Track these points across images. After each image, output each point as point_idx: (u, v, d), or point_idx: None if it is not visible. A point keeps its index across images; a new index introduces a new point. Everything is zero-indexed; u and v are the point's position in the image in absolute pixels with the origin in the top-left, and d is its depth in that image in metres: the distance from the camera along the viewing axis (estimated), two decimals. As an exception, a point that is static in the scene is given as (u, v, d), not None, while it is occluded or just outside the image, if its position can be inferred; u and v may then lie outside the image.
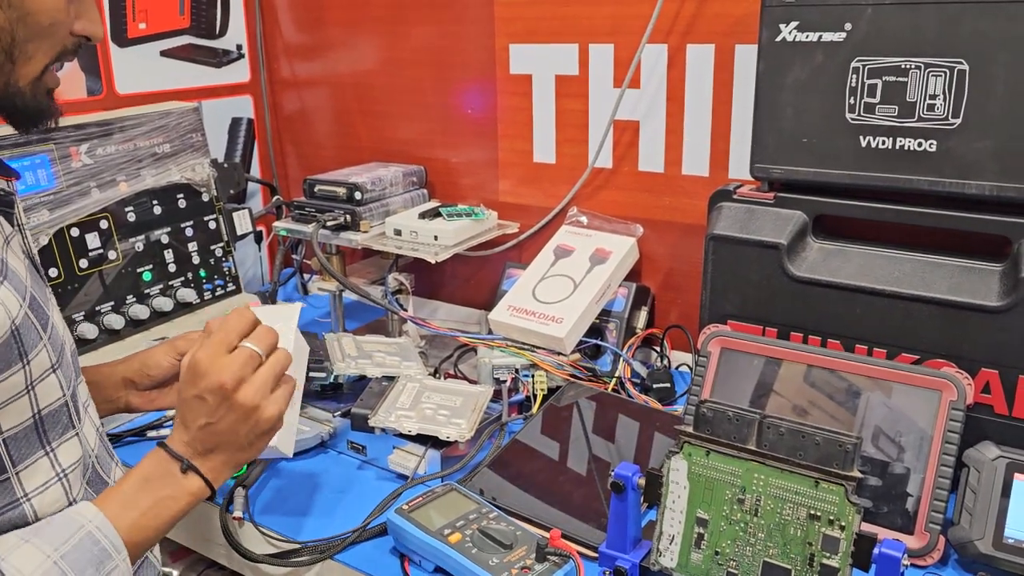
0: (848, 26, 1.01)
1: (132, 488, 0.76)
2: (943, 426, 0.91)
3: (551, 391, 1.20)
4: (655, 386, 1.24)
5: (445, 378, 1.27)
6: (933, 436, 0.91)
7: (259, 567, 0.97)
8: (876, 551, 0.72)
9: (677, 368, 1.33)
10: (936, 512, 0.89)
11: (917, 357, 1.00)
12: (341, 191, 1.39)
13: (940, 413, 0.92)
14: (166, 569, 1.30)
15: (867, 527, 0.90)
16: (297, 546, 0.95)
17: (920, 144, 0.99)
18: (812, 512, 0.75)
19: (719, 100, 1.26)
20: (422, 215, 1.39)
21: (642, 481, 0.83)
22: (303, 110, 1.75)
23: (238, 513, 1.00)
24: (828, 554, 0.74)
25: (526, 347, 1.22)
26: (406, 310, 1.38)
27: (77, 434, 0.78)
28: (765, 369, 1.02)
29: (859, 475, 0.73)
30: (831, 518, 0.74)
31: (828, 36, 1.02)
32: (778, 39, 1.05)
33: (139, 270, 1.35)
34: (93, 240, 1.28)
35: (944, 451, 0.90)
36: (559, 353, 1.22)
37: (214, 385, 0.77)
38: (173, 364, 1.01)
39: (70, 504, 0.75)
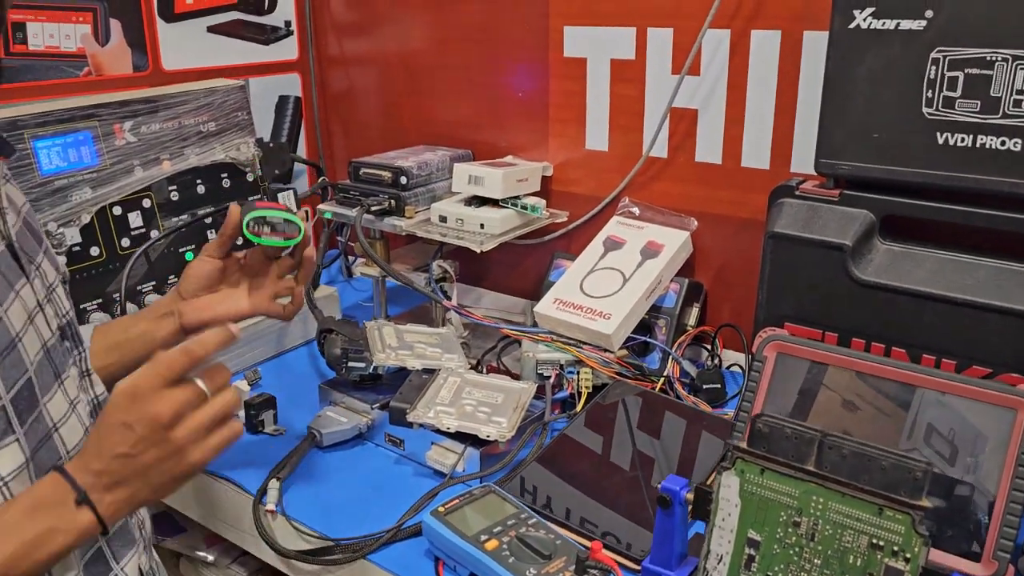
0: (929, 13, 0.94)
1: (17, 514, 0.69)
2: (1017, 448, 0.85)
3: (596, 389, 1.16)
4: (705, 387, 1.19)
5: (487, 371, 1.23)
6: (1006, 458, 0.85)
7: (290, 562, 0.95)
8: (944, 587, 0.67)
9: (728, 368, 1.28)
10: (1006, 540, 0.83)
11: (989, 371, 0.94)
12: (386, 175, 1.35)
13: (1015, 433, 0.85)
14: (201, 553, 1.31)
15: (932, 552, 0.85)
16: (330, 543, 0.93)
17: (1003, 143, 0.92)
18: (874, 541, 0.70)
19: (784, 90, 1.19)
20: (468, 202, 1.35)
21: (690, 496, 0.79)
22: (351, 89, 1.72)
23: (271, 506, 0.98)
24: (890, 587, 0.69)
25: (572, 342, 1.18)
26: (450, 298, 1.35)
27: (17, 440, 0.71)
28: (813, 365, 0.96)
29: (928, 505, 0.68)
30: (895, 549, 0.69)
31: (906, 24, 0.95)
32: (851, 26, 0.98)
33: (182, 250, 1.33)
34: (135, 219, 1.27)
35: (1017, 475, 0.84)
36: (606, 350, 1.17)
37: (148, 415, 0.71)
38: (213, 265, 1.02)
39: None
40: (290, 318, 1.04)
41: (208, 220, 1.35)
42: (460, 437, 1.03)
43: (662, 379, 1.19)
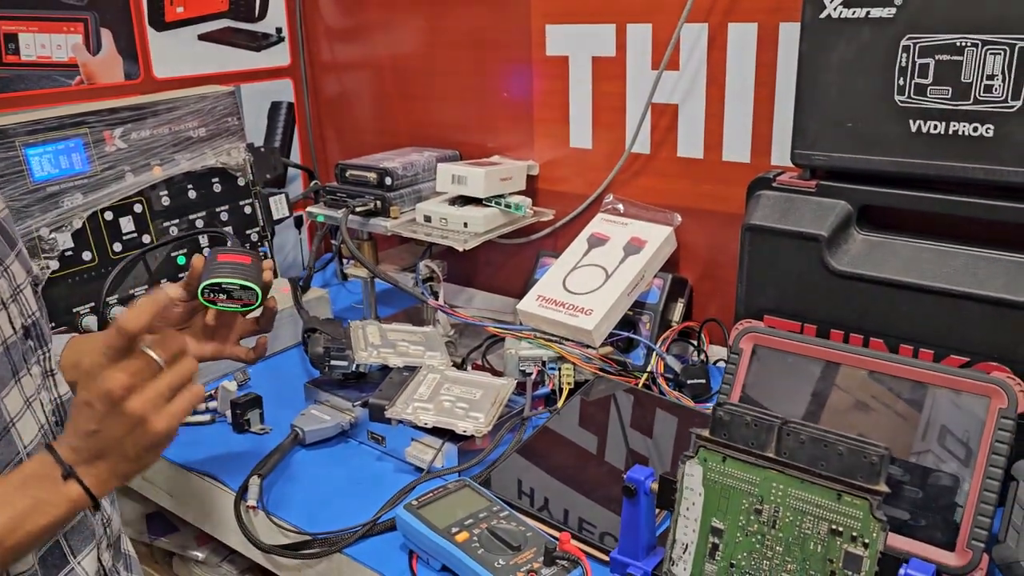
0: (898, 0, 0.93)
1: (10, 487, 0.71)
2: (991, 435, 0.84)
3: (578, 385, 1.16)
4: (689, 382, 1.18)
5: (473, 368, 1.24)
6: (980, 445, 0.84)
7: (271, 557, 0.96)
8: (902, 572, 0.66)
9: (715, 363, 1.28)
10: (980, 528, 0.82)
11: (967, 359, 0.93)
12: (372, 176, 1.36)
13: (988, 421, 0.85)
14: (193, 552, 1.32)
15: (905, 541, 0.85)
16: (308, 538, 0.94)
17: (976, 129, 0.92)
18: (834, 527, 0.70)
19: (762, 82, 1.19)
20: (452, 201, 1.35)
21: (655, 485, 0.79)
22: (343, 93, 1.74)
23: (252, 502, 0.99)
24: (850, 573, 0.69)
25: (554, 339, 1.18)
26: (437, 298, 1.36)
27: None
28: (826, 365, 0.95)
29: (886, 489, 0.68)
30: (854, 534, 0.69)
31: (876, 12, 0.95)
32: (822, 15, 0.98)
33: (174, 254, 1.35)
34: (127, 224, 1.29)
35: (991, 462, 0.83)
36: (588, 346, 1.18)
37: (101, 392, 0.71)
38: (177, 308, 1.02)
39: None
40: (253, 362, 1.05)
41: (200, 225, 1.38)
42: (439, 433, 1.03)
43: (645, 374, 1.19)
